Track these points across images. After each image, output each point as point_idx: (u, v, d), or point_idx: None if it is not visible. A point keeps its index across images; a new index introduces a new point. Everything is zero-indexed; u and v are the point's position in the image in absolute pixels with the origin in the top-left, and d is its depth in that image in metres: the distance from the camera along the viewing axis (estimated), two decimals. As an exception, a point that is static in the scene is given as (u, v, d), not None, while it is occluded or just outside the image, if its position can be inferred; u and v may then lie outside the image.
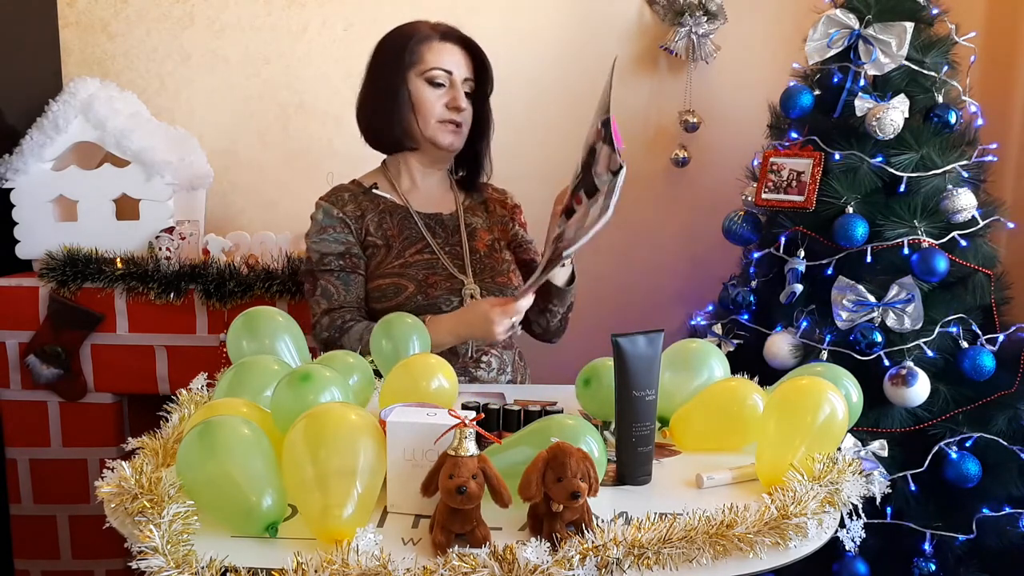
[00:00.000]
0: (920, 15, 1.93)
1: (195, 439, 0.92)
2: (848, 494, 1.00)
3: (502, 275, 1.70)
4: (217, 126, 2.45)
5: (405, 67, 1.67)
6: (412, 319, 1.42)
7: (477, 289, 1.65)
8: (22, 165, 2.06)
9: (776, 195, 1.96)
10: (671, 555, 0.86)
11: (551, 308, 1.72)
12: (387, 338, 1.39)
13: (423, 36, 1.68)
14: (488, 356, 1.69)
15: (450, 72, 1.67)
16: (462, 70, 1.69)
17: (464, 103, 1.68)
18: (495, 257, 1.73)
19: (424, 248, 1.69)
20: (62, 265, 2.02)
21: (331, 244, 1.67)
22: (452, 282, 1.66)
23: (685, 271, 2.54)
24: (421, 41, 1.68)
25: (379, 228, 1.70)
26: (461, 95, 1.68)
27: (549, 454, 0.88)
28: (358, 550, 0.83)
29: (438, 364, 1.24)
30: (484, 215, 1.79)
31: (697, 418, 1.21)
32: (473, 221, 1.76)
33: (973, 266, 1.89)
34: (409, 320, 1.42)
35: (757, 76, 2.42)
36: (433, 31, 1.70)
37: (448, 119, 1.68)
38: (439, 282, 1.65)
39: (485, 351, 1.68)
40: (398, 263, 1.66)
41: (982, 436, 1.83)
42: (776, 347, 1.93)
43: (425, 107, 1.67)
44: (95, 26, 2.41)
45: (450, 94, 1.67)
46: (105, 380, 2.10)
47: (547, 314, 1.73)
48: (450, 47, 1.69)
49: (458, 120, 1.68)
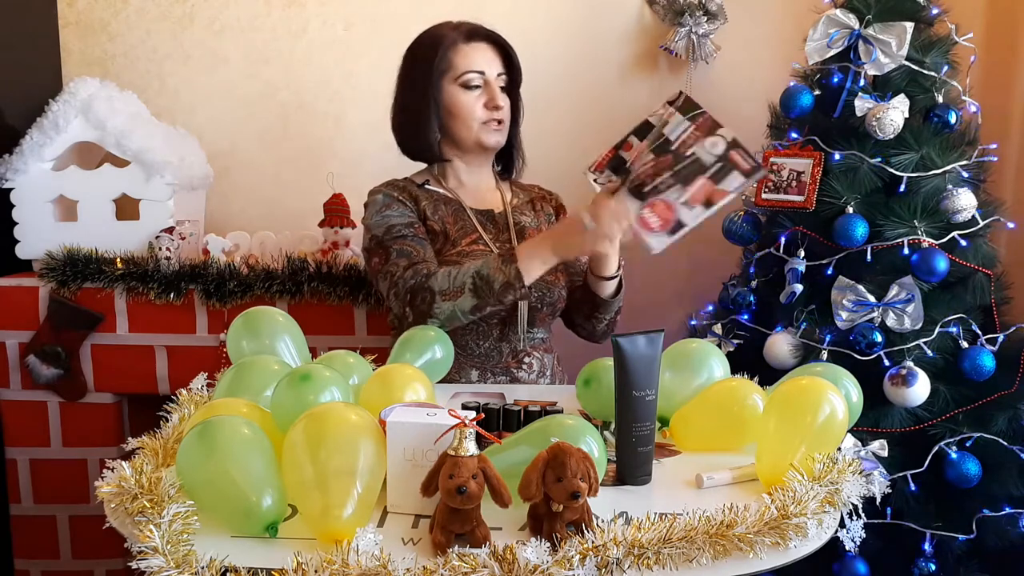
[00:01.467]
0: (920, 15, 1.93)
1: (195, 439, 0.92)
2: (848, 494, 1.00)
3: (550, 272, 1.64)
4: (217, 126, 2.45)
5: (438, 76, 1.66)
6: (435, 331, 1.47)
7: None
8: (22, 165, 2.06)
9: (776, 195, 1.96)
10: (671, 555, 0.86)
11: (596, 316, 1.71)
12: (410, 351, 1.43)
13: (450, 42, 1.67)
14: (530, 357, 1.68)
15: (482, 72, 1.67)
16: (494, 67, 1.69)
17: (502, 100, 1.68)
18: None
19: (478, 239, 1.68)
20: (62, 265, 2.02)
21: (397, 217, 1.66)
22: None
23: (685, 271, 2.54)
24: (448, 47, 1.67)
25: (435, 214, 1.69)
26: (498, 93, 1.68)
27: (549, 454, 0.88)
28: (358, 550, 0.83)
29: (414, 374, 1.23)
30: (532, 214, 1.78)
31: (697, 418, 1.21)
32: (521, 219, 1.75)
33: (973, 266, 1.89)
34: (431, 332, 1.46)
35: (757, 76, 2.42)
36: (458, 33, 1.69)
37: (490, 119, 1.68)
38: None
39: (528, 351, 1.68)
40: (455, 251, 1.65)
41: (982, 436, 1.83)
42: (776, 347, 1.93)
43: (465, 112, 1.67)
44: (95, 26, 2.41)
45: (487, 94, 1.67)
46: (105, 380, 2.10)
47: (593, 320, 1.72)
48: (477, 46, 1.69)
49: (499, 118, 1.69)
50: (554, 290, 1.68)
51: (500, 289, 1.49)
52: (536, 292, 1.65)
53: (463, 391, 1.48)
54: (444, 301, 1.51)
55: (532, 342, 1.69)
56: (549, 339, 1.76)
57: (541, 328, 1.71)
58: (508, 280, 1.49)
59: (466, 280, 1.51)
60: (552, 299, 1.68)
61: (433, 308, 1.52)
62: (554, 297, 1.68)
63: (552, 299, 1.68)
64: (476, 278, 1.50)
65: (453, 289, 1.51)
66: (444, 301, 1.51)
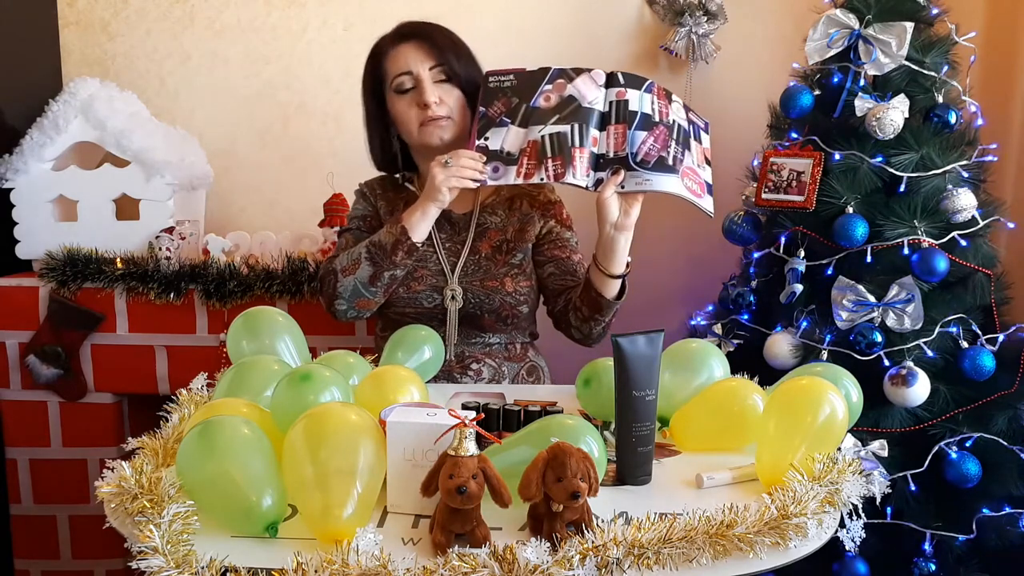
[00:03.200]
0: (920, 15, 1.93)
1: (195, 439, 0.93)
2: (848, 494, 1.00)
3: (494, 279, 1.64)
4: (217, 126, 2.45)
5: (383, 89, 1.66)
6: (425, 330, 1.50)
7: (460, 291, 1.62)
8: (22, 165, 2.06)
9: (776, 195, 1.96)
10: (671, 555, 0.86)
11: (596, 318, 1.62)
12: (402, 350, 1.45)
13: (382, 50, 1.66)
14: (479, 364, 1.66)
15: (410, 72, 1.62)
16: (423, 63, 1.62)
17: (431, 97, 1.60)
18: (496, 260, 1.68)
19: (428, 240, 1.66)
20: (62, 265, 2.02)
21: (357, 211, 1.74)
22: (437, 279, 1.64)
23: (685, 271, 2.54)
24: (381, 56, 1.66)
25: (390, 213, 1.71)
26: (427, 89, 1.60)
27: (549, 454, 0.88)
28: (358, 550, 0.83)
29: (409, 376, 1.23)
30: (504, 213, 1.72)
31: (697, 418, 1.21)
32: (489, 220, 1.71)
33: (973, 266, 1.89)
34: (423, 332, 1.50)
35: (757, 76, 2.42)
36: (387, 39, 1.67)
37: (424, 119, 1.62)
38: (425, 276, 1.64)
39: (476, 358, 1.66)
40: None
41: (982, 436, 1.83)
42: (776, 347, 1.93)
43: (402, 117, 1.64)
44: (95, 26, 2.41)
45: (416, 94, 1.62)
46: (105, 380, 2.10)
47: (591, 322, 1.63)
48: (404, 47, 1.64)
49: (434, 115, 1.61)
50: (495, 296, 1.63)
51: (391, 248, 1.55)
52: (474, 298, 1.63)
53: (463, 391, 1.48)
54: (345, 277, 1.56)
55: (484, 348, 1.67)
56: (519, 346, 1.71)
57: (495, 334, 1.68)
58: (396, 238, 1.54)
59: (361, 251, 1.57)
60: (493, 305, 1.63)
61: (337, 287, 1.57)
62: (495, 303, 1.63)
63: (493, 305, 1.63)
64: (370, 246, 1.57)
65: (351, 263, 1.57)
66: (345, 277, 1.56)
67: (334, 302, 1.58)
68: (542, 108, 1.54)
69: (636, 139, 1.49)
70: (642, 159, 1.49)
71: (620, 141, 1.51)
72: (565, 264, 1.70)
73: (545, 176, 1.51)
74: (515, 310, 1.65)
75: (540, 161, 1.51)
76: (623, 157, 1.50)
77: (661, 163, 1.48)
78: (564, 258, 1.71)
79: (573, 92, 1.53)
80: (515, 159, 1.53)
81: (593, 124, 1.52)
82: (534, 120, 1.54)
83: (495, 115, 1.56)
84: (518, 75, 1.57)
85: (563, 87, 1.54)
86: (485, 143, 1.55)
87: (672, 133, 1.50)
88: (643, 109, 1.51)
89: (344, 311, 1.58)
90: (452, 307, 1.63)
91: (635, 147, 1.49)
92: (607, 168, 1.51)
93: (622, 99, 1.52)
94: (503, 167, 1.53)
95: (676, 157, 1.49)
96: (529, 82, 1.56)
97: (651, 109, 1.51)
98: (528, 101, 1.55)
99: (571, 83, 1.54)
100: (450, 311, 1.63)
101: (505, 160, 1.53)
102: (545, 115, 1.53)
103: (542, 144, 1.52)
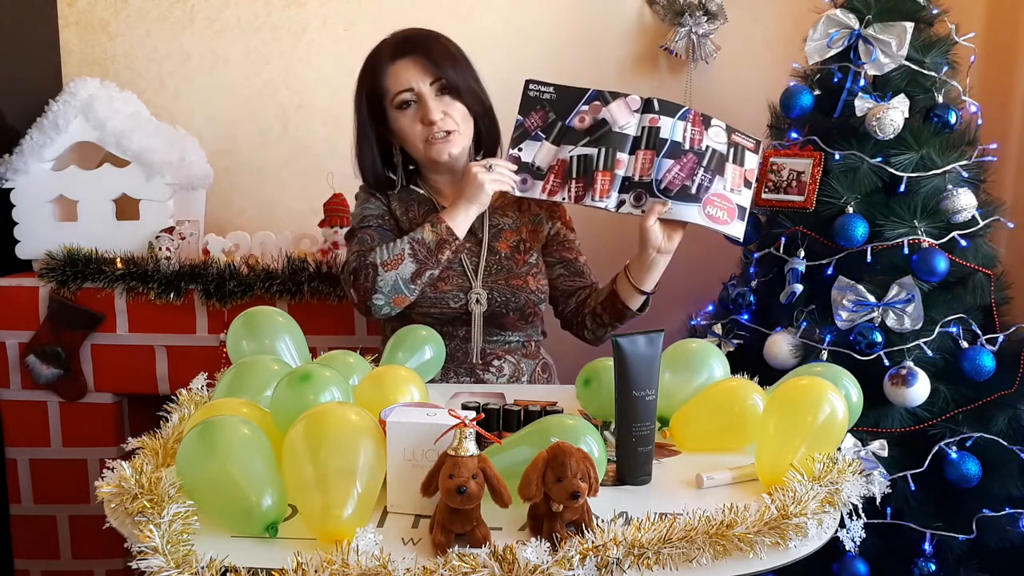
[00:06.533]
0: (920, 15, 1.93)
1: (195, 439, 0.92)
2: (848, 494, 1.00)
3: (518, 278, 1.67)
4: (217, 126, 2.45)
5: (383, 104, 1.66)
6: (426, 331, 1.50)
7: (484, 294, 1.64)
8: (22, 165, 2.06)
9: (776, 195, 1.96)
10: (671, 555, 0.86)
11: (615, 324, 1.69)
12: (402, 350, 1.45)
13: (379, 65, 1.65)
14: (500, 360, 1.67)
15: (411, 88, 1.62)
16: (423, 78, 1.62)
17: (435, 114, 1.61)
18: (516, 259, 1.70)
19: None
20: (62, 265, 2.02)
21: (372, 209, 1.71)
22: (463, 279, 1.65)
23: (685, 271, 2.53)
24: (379, 72, 1.64)
25: (405, 214, 1.71)
26: (431, 106, 1.61)
27: (549, 454, 0.88)
28: (358, 550, 0.83)
29: (409, 376, 1.23)
30: (515, 214, 1.75)
31: (697, 418, 1.21)
32: (501, 221, 1.73)
33: (973, 266, 1.89)
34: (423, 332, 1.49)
35: (757, 76, 2.42)
36: (385, 53, 1.65)
37: (430, 136, 1.63)
38: (451, 277, 1.64)
39: (498, 355, 1.67)
40: None
41: (982, 436, 1.83)
42: (776, 347, 1.93)
43: (406, 134, 1.65)
44: (95, 26, 2.41)
45: (420, 111, 1.62)
46: (105, 380, 2.10)
47: (608, 327, 1.70)
48: (403, 64, 1.63)
49: (442, 130, 1.62)
50: (520, 294, 1.66)
51: (436, 247, 1.56)
52: (500, 296, 1.65)
53: (463, 391, 1.48)
54: (387, 272, 1.55)
55: (504, 346, 1.68)
56: (534, 344, 1.74)
57: (515, 332, 1.70)
58: (441, 237, 1.56)
59: (404, 247, 1.56)
60: (518, 303, 1.65)
61: (377, 282, 1.55)
62: (520, 302, 1.65)
63: (518, 303, 1.65)
64: (412, 243, 1.56)
65: (392, 258, 1.55)
66: (387, 272, 1.55)
67: (372, 296, 1.55)
68: (576, 128, 1.59)
69: (663, 166, 1.54)
70: (665, 187, 1.54)
71: (647, 167, 1.55)
72: (574, 265, 1.77)
73: (567, 196, 1.58)
74: (537, 308, 1.69)
75: (565, 181, 1.58)
76: (647, 183, 1.55)
77: (684, 192, 1.53)
78: (572, 259, 1.77)
79: (606, 115, 1.57)
80: (543, 175, 1.59)
81: (621, 148, 1.56)
82: (567, 139, 1.59)
83: (531, 127, 1.61)
84: (558, 89, 1.62)
85: (598, 109, 1.59)
86: (518, 154, 1.61)
87: (702, 161, 1.54)
88: (674, 137, 1.55)
89: (380, 306, 1.56)
90: (477, 310, 1.64)
91: (660, 174, 1.54)
92: (630, 191, 1.56)
93: (654, 126, 1.56)
94: (531, 180, 1.60)
95: (702, 185, 1.53)
96: (567, 99, 1.61)
97: (682, 137, 1.55)
98: (564, 119, 1.60)
99: (606, 107, 1.58)
100: (475, 313, 1.64)
101: (534, 174, 1.60)
102: (577, 136, 1.59)
103: (569, 164, 1.58)
